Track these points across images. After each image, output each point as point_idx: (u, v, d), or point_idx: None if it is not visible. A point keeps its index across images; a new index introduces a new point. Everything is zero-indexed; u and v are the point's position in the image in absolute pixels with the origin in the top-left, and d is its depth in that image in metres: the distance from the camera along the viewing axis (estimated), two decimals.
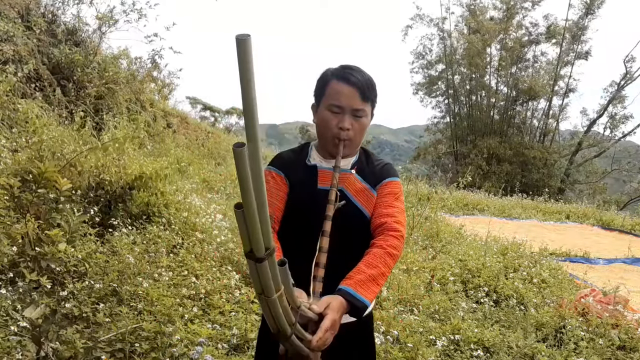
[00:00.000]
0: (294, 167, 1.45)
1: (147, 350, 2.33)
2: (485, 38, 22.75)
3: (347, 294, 1.18)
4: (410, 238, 5.68)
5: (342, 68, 1.40)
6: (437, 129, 26.63)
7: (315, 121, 1.44)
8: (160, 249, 3.51)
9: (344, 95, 1.34)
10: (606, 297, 3.82)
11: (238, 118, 25.38)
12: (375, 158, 1.52)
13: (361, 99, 1.35)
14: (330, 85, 1.37)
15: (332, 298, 1.16)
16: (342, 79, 1.36)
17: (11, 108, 4.68)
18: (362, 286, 1.21)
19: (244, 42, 0.74)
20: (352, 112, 1.36)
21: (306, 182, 1.42)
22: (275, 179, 1.43)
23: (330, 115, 1.37)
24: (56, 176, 2.96)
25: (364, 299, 1.19)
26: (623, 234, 9.71)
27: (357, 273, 1.24)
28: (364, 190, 1.42)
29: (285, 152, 1.55)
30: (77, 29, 7.04)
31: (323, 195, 1.34)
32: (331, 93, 1.36)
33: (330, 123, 1.37)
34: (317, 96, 1.43)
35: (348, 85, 1.35)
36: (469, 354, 2.91)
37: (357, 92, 1.35)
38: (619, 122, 22.40)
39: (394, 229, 1.34)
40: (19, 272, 2.55)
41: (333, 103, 1.35)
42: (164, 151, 7.22)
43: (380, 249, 1.29)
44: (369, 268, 1.25)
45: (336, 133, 1.37)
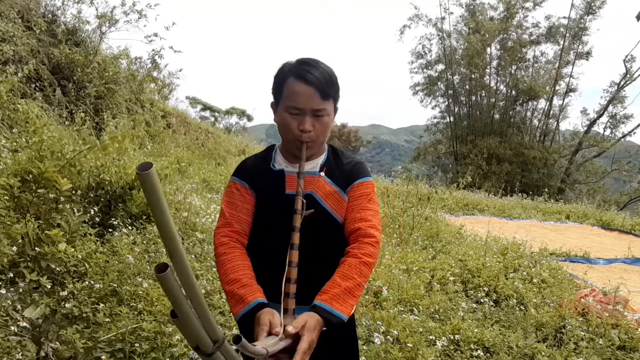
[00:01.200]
0: (258, 174, 1.37)
1: (147, 350, 2.33)
2: (485, 38, 22.75)
3: (323, 310, 1.15)
4: (410, 238, 5.69)
5: (298, 64, 1.30)
6: (437, 129, 26.64)
7: (276, 122, 1.35)
8: (160, 249, 3.51)
9: (302, 96, 1.26)
10: (606, 297, 3.81)
11: (238, 118, 25.40)
12: (345, 157, 1.44)
13: (321, 98, 1.27)
14: (287, 85, 1.28)
15: (307, 316, 1.12)
16: (300, 77, 1.26)
17: (11, 108, 4.68)
18: (337, 300, 1.17)
19: (147, 176, 0.71)
20: (313, 113, 1.28)
21: (273, 189, 1.34)
22: (239, 191, 1.36)
23: (289, 118, 1.28)
24: (56, 176, 2.96)
25: (340, 314, 1.16)
26: (623, 234, 9.71)
27: (332, 287, 1.20)
28: (334, 193, 1.34)
29: (250, 158, 1.46)
30: (77, 29, 7.04)
31: (291, 200, 1.27)
32: (289, 94, 1.27)
33: (291, 125, 1.29)
34: (276, 95, 1.33)
35: (306, 85, 1.25)
36: (469, 354, 2.91)
37: (316, 92, 1.26)
38: (619, 122, 22.42)
39: (368, 234, 1.30)
40: (19, 272, 2.55)
41: (292, 105, 1.27)
42: (164, 151, 7.23)
43: (355, 259, 1.24)
44: (344, 280, 1.20)
45: (297, 135, 1.29)
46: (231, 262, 1.24)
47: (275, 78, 1.33)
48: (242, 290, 1.19)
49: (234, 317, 1.19)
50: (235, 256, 1.26)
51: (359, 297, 1.23)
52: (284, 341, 1.06)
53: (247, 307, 1.16)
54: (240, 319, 1.17)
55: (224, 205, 1.35)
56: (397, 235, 5.61)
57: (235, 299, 1.19)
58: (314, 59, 1.32)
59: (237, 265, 1.24)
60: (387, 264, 4.30)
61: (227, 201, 1.35)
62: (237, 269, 1.23)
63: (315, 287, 1.22)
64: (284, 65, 1.33)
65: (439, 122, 26.68)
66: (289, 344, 1.07)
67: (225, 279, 1.22)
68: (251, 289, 1.20)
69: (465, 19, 23.93)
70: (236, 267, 1.23)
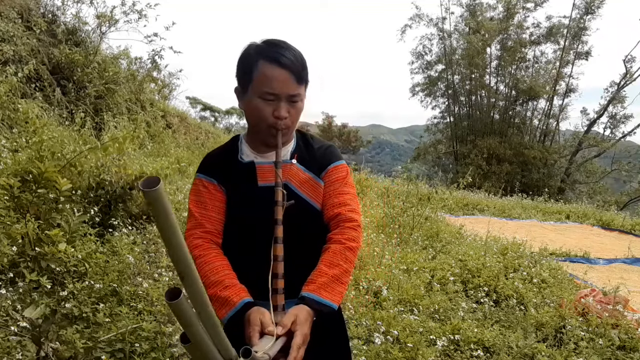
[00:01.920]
0: (226, 168, 1.28)
1: (147, 350, 2.33)
2: (485, 38, 22.76)
3: (312, 301, 1.11)
4: (410, 238, 5.69)
5: (268, 45, 1.20)
6: (437, 129, 26.66)
7: (244, 109, 1.26)
8: (160, 249, 3.51)
9: (278, 80, 1.17)
10: (606, 297, 3.81)
11: (238, 118, 25.41)
12: (315, 142, 1.37)
13: (296, 82, 1.19)
14: (258, 69, 1.17)
15: (297, 309, 1.09)
16: (273, 60, 1.17)
17: (11, 108, 4.68)
18: (326, 289, 1.14)
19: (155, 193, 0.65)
20: (288, 98, 1.20)
21: (244, 183, 1.26)
22: (207, 189, 1.26)
23: (263, 104, 1.19)
24: (56, 176, 2.96)
25: (330, 303, 1.13)
26: (623, 234, 9.71)
27: (319, 275, 1.16)
28: (308, 180, 1.28)
29: (214, 152, 1.35)
30: (77, 29, 7.04)
31: (266, 193, 1.20)
32: (261, 78, 1.17)
33: (264, 112, 1.19)
34: (243, 80, 1.22)
35: (281, 69, 1.17)
36: (469, 354, 2.91)
37: (292, 76, 1.18)
38: (619, 122, 22.43)
39: (349, 219, 1.25)
40: (19, 272, 2.55)
41: (266, 90, 1.17)
42: (164, 151, 7.23)
43: (339, 245, 1.21)
44: (331, 268, 1.17)
45: (273, 122, 1.20)
46: (209, 264, 1.18)
47: (241, 61, 1.23)
48: (226, 292, 1.13)
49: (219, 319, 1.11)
50: (212, 258, 1.19)
51: (347, 284, 1.20)
52: (280, 340, 1.04)
53: (234, 308, 1.11)
54: (227, 322, 1.12)
55: (191, 206, 1.27)
56: (397, 235, 5.61)
57: (220, 302, 1.13)
58: (282, 40, 1.23)
59: (216, 267, 1.17)
60: (387, 264, 4.30)
61: (195, 201, 1.27)
62: (216, 271, 1.17)
63: (300, 278, 1.17)
64: (249, 47, 1.22)
65: (439, 122, 26.70)
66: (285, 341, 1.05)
67: (206, 282, 1.15)
68: (235, 289, 1.14)
69: (466, 19, 23.94)
70: (215, 268, 1.17)
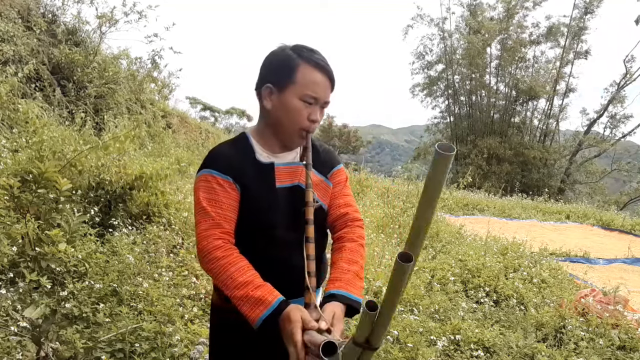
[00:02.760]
0: (241, 166, 1.24)
1: (147, 350, 2.33)
2: (485, 38, 22.76)
3: (345, 297, 1.16)
4: None
5: (308, 50, 1.22)
6: (437, 129, 26.67)
7: (273, 108, 1.24)
8: (160, 249, 3.51)
9: (321, 86, 1.21)
10: (606, 297, 3.81)
11: (238, 118, 25.41)
12: (317, 144, 1.38)
13: (331, 90, 1.25)
14: (301, 71, 1.19)
15: (334, 306, 1.13)
16: (316, 65, 1.21)
17: (11, 108, 4.68)
18: (352, 285, 1.20)
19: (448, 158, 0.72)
20: (322, 104, 1.24)
21: (264, 184, 1.25)
22: (222, 186, 1.21)
23: (302, 106, 1.21)
24: (56, 176, 2.96)
25: (357, 298, 1.19)
26: (623, 234, 9.71)
27: (343, 272, 1.21)
28: (320, 182, 1.32)
29: (223, 148, 1.30)
30: (77, 29, 7.04)
31: (283, 193, 1.24)
32: (305, 81, 1.19)
33: (301, 114, 1.21)
34: (281, 80, 1.21)
35: (322, 75, 1.21)
36: (469, 354, 2.91)
37: (329, 83, 1.24)
38: (619, 122, 22.43)
39: (356, 218, 1.34)
40: (19, 272, 2.55)
41: (309, 94, 1.20)
42: (164, 151, 7.22)
43: (354, 243, 1.28)
44: (351, 264, 1.23)
45: (306, 126, 1.23)
46: (234, 264, 1.15)
47: (279, 61, 1.23)
48: (258, 291, 1.11)
49: (250, 321, 1.10)
50: (235, 258, 1.16)
51: (363, 279, 1.29)
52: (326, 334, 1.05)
53: (270, 307, 1.09)
54: (263, 322, 1.09)
55: (205, 204, 1.20)
56: (397, 235, 5.61)
57: (253, 302, 1.10)
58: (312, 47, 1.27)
59: (242, 267, 1.15)
60: (387, 264, 4.30)
61: (209, 199, 1.20)
62: (244, 271, 1.14)
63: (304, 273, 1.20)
64: (286, 49, 1.24)
65: (439, 122, 26.72)
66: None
67: (233, 283, 1.12)
68: (267, 288, 1.13)
69: (466, 19, 23.95)
70: (242, 269, 1.14)
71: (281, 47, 1.25)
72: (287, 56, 1.22)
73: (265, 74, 1.26)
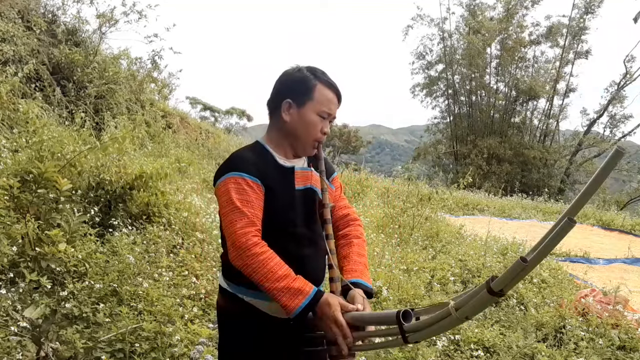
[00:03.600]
0: (265, 169, 1.38)
1: (147, 350, 2.33)
2: (485, 38, 22.76)
3: (363, 285, 1.36)
4: (410, 238, 5.68)
5: (321, 72, 1.43)
6: (437, 129, 26.66)
7: (291, 120, 1.40)
8: (160, 249, 3.51)
9: (333, 104, 1.42)
10: (606, 297, 3.82)
11: (238, 118, 25.41)
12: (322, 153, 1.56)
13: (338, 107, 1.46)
14: (319, 90, 1.39)
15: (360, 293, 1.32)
16: (330, 86, 1.41)
17: (11, 108, 4.68)
18: (365, 275, 1.40)
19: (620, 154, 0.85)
20: (331, 119, 1.44)
21: (285, 186, 1.40)
22: (252, 188, 1.33)
23: (318, 120, 1.40)
24: (56, 176, 2.96)
25: (371, 286, 1.39)
26: (623, 234, 9.71)
27: (356, 264, 1.41)
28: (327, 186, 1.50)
29: (246, 153, 1.42)
30: (77, 29, 7.04)
31: (300, 195, 1.41)
32: (322, 99, 1.39)
33: (317, 127, 1.41)
34: (300, 97, 1.39)
35: (334, 94, 1.42)
36: (469, 354, 2.91)
37: (338, 101, 1.45)
38: (619, 122, 22.43)
39: (357, 218, 1.56)
40: (19, 272, 2.55)
41: (325, 110, 1.40)
42: (164, 151, 7.22)
43: (359, 239, 1.50)
44: (361, 257, 1.45)
45: (319, 137, 1.43)
46: (273, 259, 1.26)
47: (299, 81, 1.40)
48: (297, 283, 1.24)
49: (289, 310, 1.23)
50: (273, 254, 1.27)
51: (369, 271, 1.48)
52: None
53: (309, 296, 1.23)
54: (302, 309, 1.23)
55: (239, 204, 1.30)
56: (397, 235, 5.61)
57: (292, 292, 1.23)
58: None
59: (279, 262, 1.26)
60: (387, 264, 4.30)
61: (241, 199, 1.30)
62: (281, 265, 1.26)
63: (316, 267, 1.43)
64: (302, 70, 1.42)
65: (439, 122, 26.71)
66: None
67: (274, 276, 1.23)
68: (302, 280, 1.26)
69: (466, 19, 23.95)
70: (279, 263, 1.26)
71: (296, 68, 1.44)
72: (305, 76, 1.40)
73: (283, 91, 1.42)
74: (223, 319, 1.48)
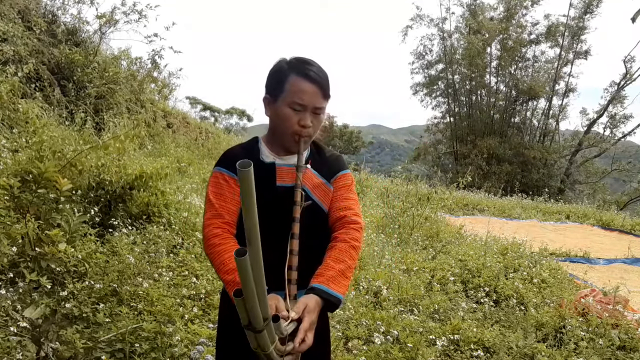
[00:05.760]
0: None
1: (147, 350, 2.33)
2: (485, 38, 22.76)
3: (322, 291, 1.23)
4: (410, 238, 5.68)
5: (299, 62, 1.35)
6: (437, 129, 26.66)
7: (271, 115, 1.39)
8: (160, 249, 3.51)
9: (307, 94, 1.32)
10: (606, 297, 3.81)
11: (238, 118, 25.42)
12: (326, 150, 1.51)
13: (322, 97, 1.35)
14: (290, 82, 1.32)
15: (308, 299, 1.21)
16: (304, 75, 1.32)
17: (11, 108, 4.68)
18: (333, 282, 1.26)
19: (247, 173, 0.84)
20: (313, 110, 1.35)
21: (263, 181, 1.35)
22: (228, 182, 1.35)
23: (291, 113, 1.33)
24: (56, 176, 2.96)
25: (337, 294, 1.25)
26: (623, 234, 9.71)
27: (327, 269, 1.28)
28: (320, 185, 1.42)
29: (235, 148, 1.45)
30: (77, 29, 7.04)
31: (283, 192, 1.35)
32: (293, 90, 1.32)
33: (291, 120, 1.33)
34: (274, 90, 1.36)
35: (310, 84, 1.32)
36: (469, 354, 2.91)
37: (319, 91, 1.33)
38: (619, 122, 22.42)
39: (353, 221, 1.40)
40: (19, 272, 2.55)
41: (296, 101, 1.32)
42: (164, 151, 7.23)
43: (345, 243, 1.34)
44: (337, 263, 1.30)
45: (297, 130, 1.34)
46: (228, 252, 1.25)
47: (273, 73, 1.37)
48: None
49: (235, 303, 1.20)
50: (230, 246, 1.26)
51: (350, 279, 1.32)
52: (292, 324, 1.15)
53: None
54: None
55: (212, 196, 1.34)
56: (397, 235, 5.61)
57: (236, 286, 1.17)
58: (310, 58, 1.37)
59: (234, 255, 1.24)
60: (387, 264, 4.30)
61: (215, 192, 1.35)
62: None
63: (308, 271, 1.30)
64: (281, 62, 1.37)
65: (439, 122, 26.69)
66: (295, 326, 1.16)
67: (224, 268, 1.23)
68: None
69: (467, 19, 23.95)
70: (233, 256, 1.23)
71: (278, 61, 1.38)
72: (280, 69, 1.36)
73: (266, 86, 1.39)
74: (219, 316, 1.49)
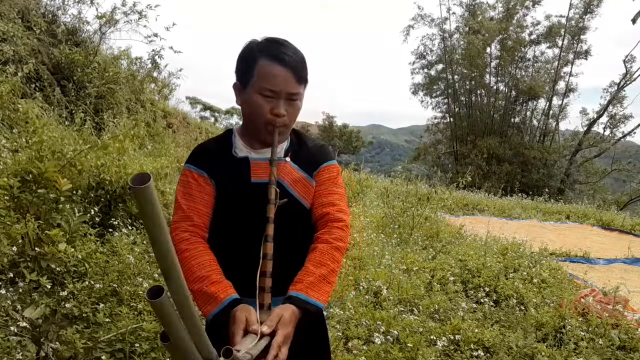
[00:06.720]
0: (218, 161, 1.25)
1: (147, 350, 2.33)
2: (485, 38, 22.77)
3: (300, 300, 1.10)
4: (410, 238, 5.68)
5: (270, 43, 1.20)
6: (437, 129, 26.68)
7: (241, 105, 1.25)
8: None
9: (278, 78, 1.17)
10: (606, 297, 3.81)
11: (238, 118, 25.44)
12: (309, 140, 1.37)
13: (296, 82, 1.19)
14: (260, 65, 1.18)
15: (283, 309, 1.07)
16: (274, 58, 1.17)
17: (11, 108, 4.68)
18: (313, 289, 1.13)
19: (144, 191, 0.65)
20: (287, 97, 1.20)
21: (237, 178, 1.24)
22: (197, 181, 1.23)
23: (262, 100, 1.19)
24: (56, 176, 2.96)
25: (316, 302, 1.12)
26: (623, 234, 9.70)
27: (306, 275, 1.15)
28: (301, 179, 1.28)
29: (207, 143, 1.32)
30: (77, 29, 7.04)
31: (258, 189, 1.19)
32: (263, 75, 1.17)
33: (263, 109, 1.19)
34: (243, 76, 1.22)
35: (282, 67, 1.17)
36: (469, 354, 2.91)
37: (292, 75, 1.18)
38: (619, 122, 22.43)
39: (337, 219, 1.25)
40: (19, 272, 2.55)
41: (266, 87, 1.17)
42: (164, 151, 7.22)
43: (326, 244, 1.20)
44: (318, 267, 1.16)
45: (270, 119, 1.20)
46: (196, 258, 1.14)
47: (242, 57, 1.23)
48: (213, 287, 1.10)
49: (204, 316, 1.10)
50: (199, 252, 1.16)
51: (334, 283, 1.19)
52: (264, 340, 1.01)
53: (221, 304, 1.08)
54: (212, 318, 1.09)
55: (179, 197, 1.23)
56: (397, 235, 5.61)
57: (205, 298, 1.10)
58: (283, 39, 1.23)
59: (203, 262, 1.14)
60: (387, 264, 4.30)
61: (183, 192, 1.23)
62: (203, 266, 1.13)
63: (287, 277, 1.16)
64: (250, 44, 1.23)
65: (439, 122, 26.72)
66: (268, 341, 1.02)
67: (192, 277, 1.12)
68: (222, 285, 1.11)
69: (466, 19, 23.96)
70: (202, 263, 1.14)
71: (247, 43, 1.24)
72: (248, 52, 1.21)
73: (235, 71, 1.25)
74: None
